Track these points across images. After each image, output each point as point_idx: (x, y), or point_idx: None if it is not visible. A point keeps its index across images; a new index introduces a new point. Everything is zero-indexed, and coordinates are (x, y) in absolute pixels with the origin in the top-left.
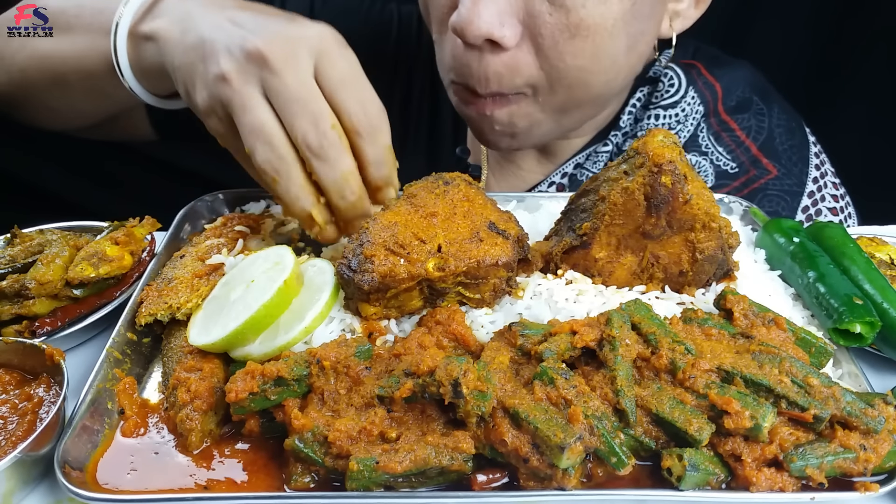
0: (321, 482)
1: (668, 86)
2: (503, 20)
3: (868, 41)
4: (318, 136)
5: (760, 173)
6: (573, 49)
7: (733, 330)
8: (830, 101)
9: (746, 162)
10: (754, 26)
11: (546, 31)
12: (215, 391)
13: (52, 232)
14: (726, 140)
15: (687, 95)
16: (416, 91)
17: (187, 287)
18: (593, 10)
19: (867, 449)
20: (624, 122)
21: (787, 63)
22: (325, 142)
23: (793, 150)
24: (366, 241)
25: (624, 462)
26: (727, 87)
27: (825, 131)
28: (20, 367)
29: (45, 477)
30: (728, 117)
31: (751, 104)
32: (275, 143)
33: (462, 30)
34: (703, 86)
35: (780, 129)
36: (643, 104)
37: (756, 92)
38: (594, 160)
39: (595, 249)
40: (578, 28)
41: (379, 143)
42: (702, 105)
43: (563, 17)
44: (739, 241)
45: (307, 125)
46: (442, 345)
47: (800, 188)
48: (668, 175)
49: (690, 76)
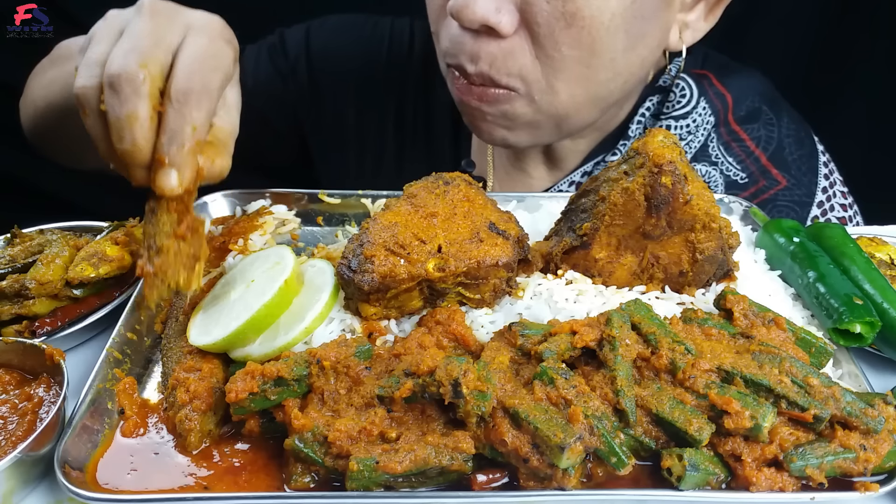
0: (321, 482)
1: (680, 96)
2: (500, 6)
3: (868, 41)
4: (122, 65)
5: (770, 184)
6: (569, 39)
7: (733, 330)
8: (830, 100)
9: (756, 172)
10: (754, 26)
11: (542, 18)
12: (214, 391)
13: (52, 232)
14: (736, 150)
15: (698, 106)
16: (409, 107)
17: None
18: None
19: (867, 449)
20: (633, 130)
21: (788, 63)
22: (125, 73)
23: (802, 160)
24: (366, 242)
25: (624, 462)
26: (737, 96)
27: (825, 131)
28: (20, 367)
29: (45, 477)
30: (738, 127)
31: (760, 114)
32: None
33: (458, 12)
34: (714, 96)
35: (789, 139)
36: (653, 113)
37: (765, 101)
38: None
39: (595, 249)
40: (574, 17)
41: (183, 115)
42: (712, 115)
43: (559, 4)
44: (739, 242)
45: (122, 51)
46: (442, 345)
47: (809, 198)
48: (668, 175)
49: (702, 86)
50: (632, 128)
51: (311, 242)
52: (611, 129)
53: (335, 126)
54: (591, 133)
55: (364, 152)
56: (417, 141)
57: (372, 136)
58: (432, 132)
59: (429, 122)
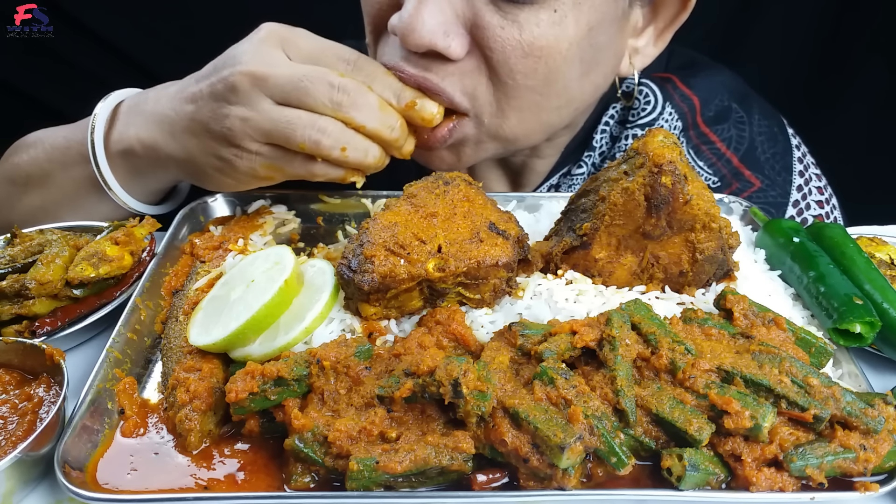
0: (321, 482)
1: (645, 103)
2: (448, 29)
3: (868, 41)
4: (340, 90)
5: (743, 186)
6: (524, 68)
7: (733, 330)
8: (830, 101)
9: (728, 175)
10: (754, 26)
11: (496, 44)
12: (214, 391)
13: (52, 232)
14: (707, 153)
15: (664, 112)
16: None
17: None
18: (547, 30)
19: (867, 449)
20: (598, 140)
21: (788, 63)
22: (349, 89)
23: (775, 159)
24: (366, 242)
25: (624, 462)
26: (704, 97)
27: (825, 131)
28: (20, 367)
29: (45, 477)
30: (707, 129)
31: (730, 113)
32: (317, 121)
33: (403, 36)
34: (680, 99)
35: (761, 138)
36: (618, 121)
37: (735, 98)
38: (569, 183)
39: (595, 249)
40: (532, 46)
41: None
42: (680, 120)
43: (515, 32)
44: (739, 242)
45: (323, 89)
46: (442, 345)
47: (784, 198)
48: (668, 175)
49: (666, 91)
50: (596, 137)
51: (311, 243)
52: (567, 144)
53: None
54: (548, 152)
55: None
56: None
57: None
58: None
59: None
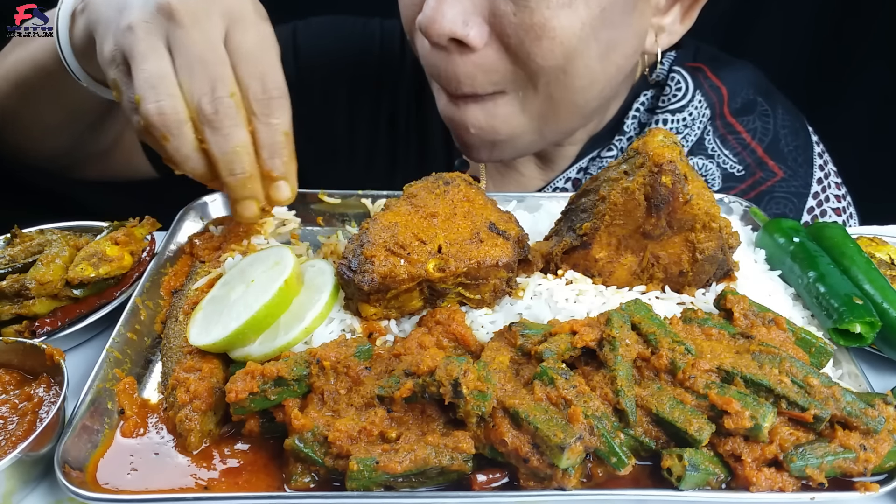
0: (321, 482)
1: (676, 90)
2: (467, 19)
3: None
4: (214, 102)
5: (767, 175)
6: (541, 51)
7: (733, 330)
8: (831, 100)
9: (752, 164)
10: (755, 26)
11: (511, 30)
12: (214, 391)
13: (52, 232)
14: (732, 143)
15: (694, 99)
16: (402, 107)
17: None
18: (558, 11)
19: (867, 449)
20: (629, 126)
21: (788, 63)
22: (221, 109)
23: (798, 152)
24: (366, 242)
25: (624, 462)
26: (732, 89)
27: (826, 131)
28: (20, 367)
29: (45, 477)
30: (733, 119)
31: (755, 105)
32: (169, 94)
33: (426, 28)
34: (710, 89)
35: (784, 131)
36: (648, 108)
37: (760, 93)
38: (598, 165)
39: (595, 249)
40: (544, 29)
41: (273, 126)
42: (708, 108)
43: (527, 17)
44: (739, 242)
45: (205, 87)
46: (442, 345)
47: (805, 189)
48: (668, 175)
49: (697, 79)
50: (627, 123)
51: (311, 243)
52: (598, 131)
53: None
54: (579, 138)
55: (354, 153)
56: (410, 141)
57: (363, 136)
58: (425, 132)
59: (421, 123)
